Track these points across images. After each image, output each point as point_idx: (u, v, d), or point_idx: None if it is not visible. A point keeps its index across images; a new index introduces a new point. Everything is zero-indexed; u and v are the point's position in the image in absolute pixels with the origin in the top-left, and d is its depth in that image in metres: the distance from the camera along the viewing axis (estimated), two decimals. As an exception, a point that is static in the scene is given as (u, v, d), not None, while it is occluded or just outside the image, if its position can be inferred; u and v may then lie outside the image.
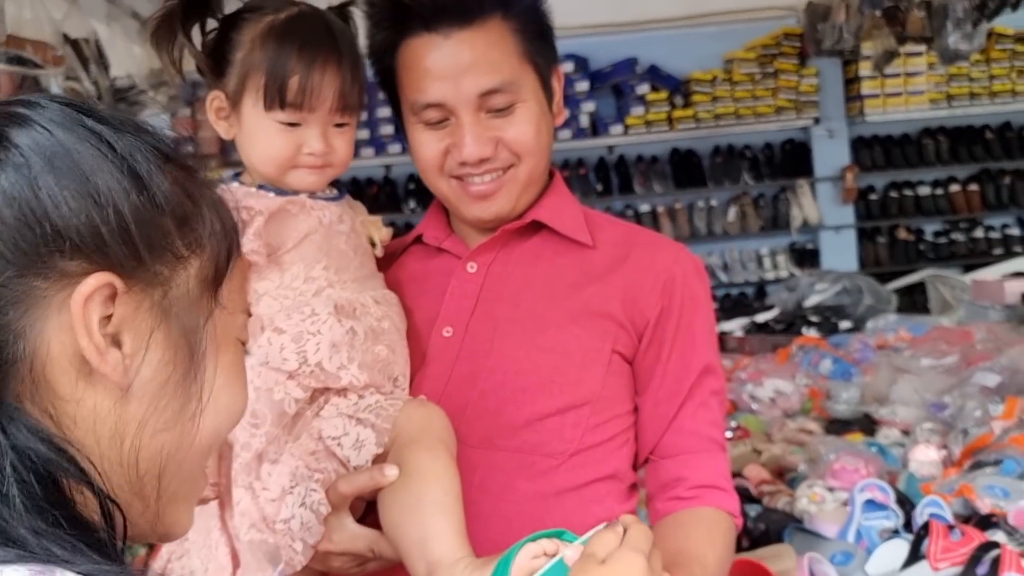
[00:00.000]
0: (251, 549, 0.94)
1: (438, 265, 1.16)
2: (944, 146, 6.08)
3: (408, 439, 0.96)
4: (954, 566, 1.36)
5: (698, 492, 1.08)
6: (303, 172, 1.06)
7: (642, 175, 6.03)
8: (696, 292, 1.13)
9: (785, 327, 3.89)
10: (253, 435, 0.96)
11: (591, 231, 1.15)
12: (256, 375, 0.97)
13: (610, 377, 1.08)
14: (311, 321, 0.99)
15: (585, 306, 1.09)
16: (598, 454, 1.07)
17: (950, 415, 2.34)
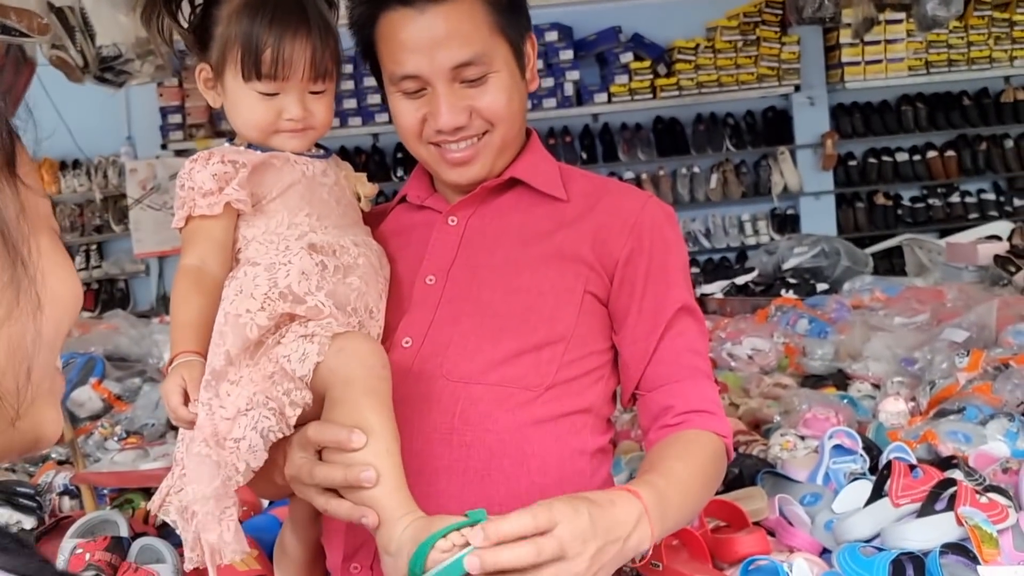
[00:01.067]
0: (196, 462, 0.99)
1: (421, 219, 1.24)
2: (922, 113, 6.16)
3: (344, 381, 1.00)
4: (914, 502, 1.45)
5: (684, 418, 1.12)
6: (285, 136, 1.14)
7: (626, 143, 6.09)
8: (667, 235, 1.18)
9: (764, 289, 3.98)
10: (215, 354, 1.01)
11: (565, 185, 1.21)
12: (229, 302, 1.04)
13: (583, 316, 1.14)
14: (284, 254, 1.07)
15: (557, 250, 1.15)
16: (574, 388, 1.13)
17: (919, 369, 2.44)
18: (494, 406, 1.09)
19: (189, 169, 1.11)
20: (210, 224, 1.09)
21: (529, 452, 1.09)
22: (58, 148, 5.77)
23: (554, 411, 1.11)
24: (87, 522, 1.64)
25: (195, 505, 1.00)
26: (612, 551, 0.92)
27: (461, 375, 1.11)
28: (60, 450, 2.24)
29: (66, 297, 0.60)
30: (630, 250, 1.16)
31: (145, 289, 6.12)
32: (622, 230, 1.16)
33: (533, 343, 1.11)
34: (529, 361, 1.11)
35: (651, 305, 1.15)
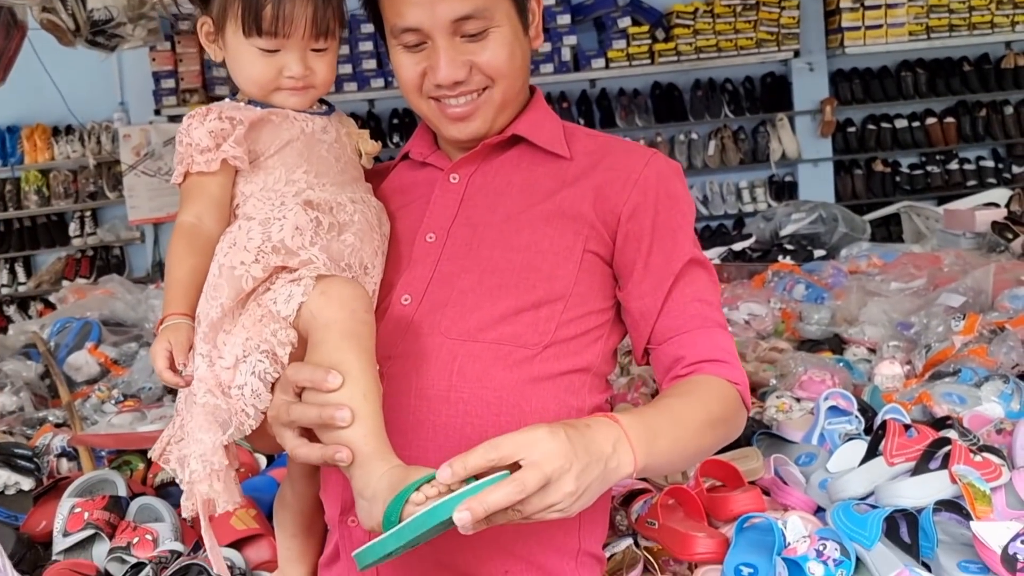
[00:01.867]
0: (205, 413, 1.01)
1: (423, 177, 1.23)
2: (922, 79, 6.12)
3: (325, 323, 1.00)
4: (908, 461, 1.46)
5: (695, 367, 1.11)
6: (285, 94, 1.14)
7: (624, 109, 6.05)
8: (674, 190, 1.17)
9: (761, 255, 3.97)
10: (211, 307, 1.03)
11: (569, 143, 1.20)
12: (223, 254, 1.05)
13: (582, 274, 1.13)
14: (279, 209, 1.08)
15: (558, 208, 1.14)
16: (572, 347, 1.13)
17: (915, 333, 2.44)
18: (492, 364, 1.09)
19: (187, 125, 1.11)
20: (207, 180, 1.09)
21: (527, 410, 1.09)
22: (51, 114, 5.71)
23: (552, 370, 1.11)
24: (85, 481, 1.64)
25: (194, 456, 1.01)
26: (596, 471, 0.90)
27: (459, 332, 1.11)
28: (57, 413, 2.25)
29: None
30: (634, 205, 1.14)
31: (141, 256, 6.09)
32: (625, 185, 1.15)
33: (532, 301, 1.11)
34: (527, 319, 1.11)
35: (659, 260, 1.14)
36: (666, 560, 1.41)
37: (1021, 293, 2.52)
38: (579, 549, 1.15)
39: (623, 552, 1.43)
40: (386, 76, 5.71)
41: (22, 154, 5.81)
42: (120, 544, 1.47)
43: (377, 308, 1.14)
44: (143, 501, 1.58)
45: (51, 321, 2.96)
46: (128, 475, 1.84)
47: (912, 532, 1.26)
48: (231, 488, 1.03)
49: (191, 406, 1.05)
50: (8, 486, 1.78)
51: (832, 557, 1.20)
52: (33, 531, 1.62)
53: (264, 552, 1.50)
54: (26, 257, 6.10)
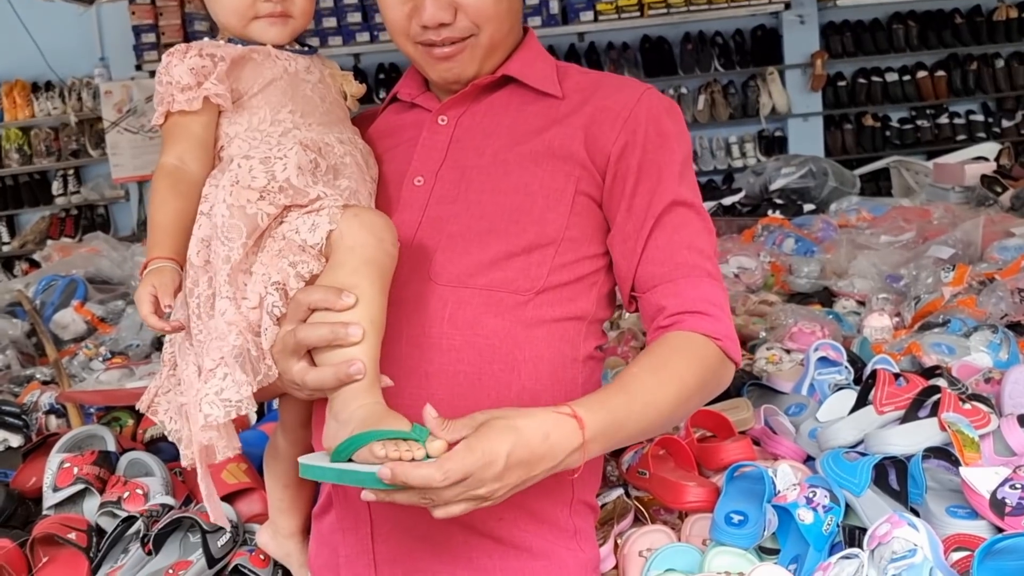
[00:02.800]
0: (236, 356, 0.97)
1: (411, 118, 1.20)
2: (914, 31, 6.07)
3: (351, 246, 1.00)
4: (897, 409, 1.46)
5: (676, 319, 1.08)
6: (264, 24, 1.11)
7: (613, 63, 5.98)
8: (664, 128, 1.12)
9: (751, 210, 3.97)
10: (231, 249, 1.00)
11: (561, 82, 1.17)
12: (228, 194, 1.02)
13: (575, 218, 1.10)
14: (278, 148, 1.06)
15: (547, 148, 1.11)
16: (565, 293, 1.10)
17: (904, 285, 2.45)
18: (483, 310, 1.07)
19: (166, 63, 1.07)
20: (189, 120, 1.07)
21: (520, 357, 1.08)
22: (30, 69, 5.61)
23: (545, 316, 1.09)
24: (73, 437, 1.64)
25: (208, 401, 0.97)
26: (532, 479, 0.93)
27: (449, 278, 1.08)
28: (45, 371, 2.23)
29: None
30: (624, 144, 1.10)
31: (126, 214, 6.03)
32: (615, 123, 1.11)
33: (522, 246, 1.08)
34: (519, 264, 1.08)
35: (642, 201, 1.10)
36: (656, 509, 1.42)
37: (1010, 244, 2.53)
38: (573, 497, 1.15)
39: (614, 502, 1.43)
40: (372, 30, 5.62)
41: (1, 111, 5.71)
42: (111, 499, 1.46)
43: None
44: (133, 456, 1.57)
45: (36, 279, 2.93)
46: (118, 431, 1.83)
47: (901, 479, 1.26)
48: (231, 435, 1.01)
49: (189, 349, 1.02)
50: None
51: (822, 504, 1.21)
52: (23, 487, 1.62)
53: (255, 506, 1.50)
54: (9, 216, 6.03)
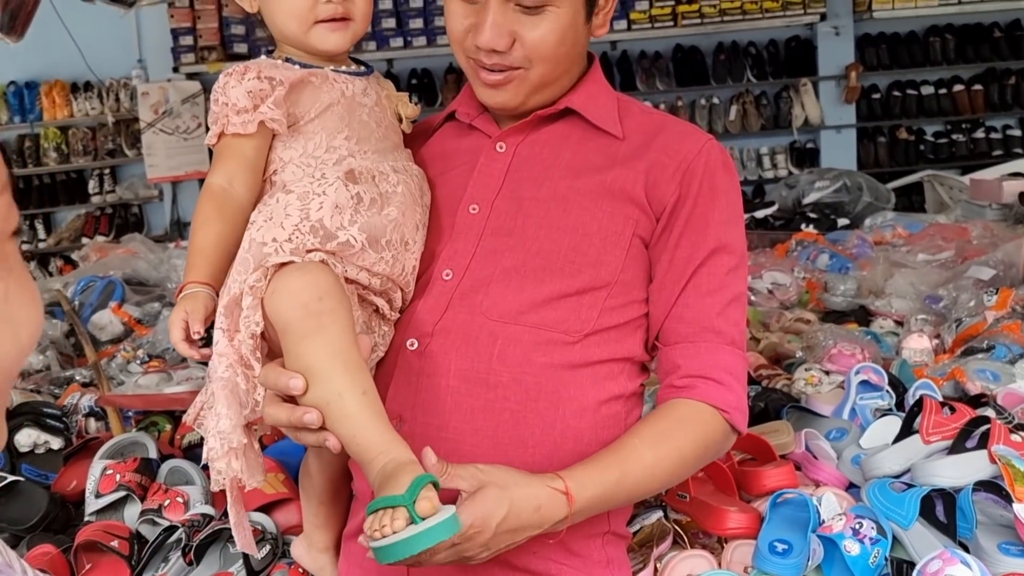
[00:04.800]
0: (224, 388, 0.98)
1: (468, 143, 1.19)
2: (951, 45, 6.00)
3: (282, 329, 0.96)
4: (945, 439, 1.44)
5: (690, 382, 1.08)
6: (324, 29, 1.09)
7: (644, 72, 5.97)
8: (716, 183, 1.11)
9: (784, 223, 3.94)
10: (235, 280, 0.99)
11: (622, 119, 1.15)
12: (256, 228, 1.01)
13: (630, 261, 1.10)
14: (319, 183, 1.04)
15: (608, 188, 1.10)
16: (613, 335, 1.09)
17: (944, 307, 2.42)
18: (532, 348, 1.07)
19: (224, 83, 1.06)
20: (242, 142, 1.05)
21: (565, 396, 1.07)
22: (69, 70, 5.69)
23: (592, 357, 1.08)
24: (116, 443, 1.65)
25: (211, 433, 0.99)
26: (515, 544, 0.97)
27: (501, 314, 1.08)
28: (84, 372, 2.26)
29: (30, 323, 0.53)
30: (678, 196, 1.10)
31: (159, 214, 6.10)
32: (674, 174, 1.10)
33: (576, 287, 1.08)
34: (570, 304, 1.07)
35: (683, 254, 1.10)
36: (695, 533, 1.41)
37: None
38: (607, 531, 1.15)
39: (653, 524, 1.42)
40: (405, 36, 5.64)
41: (41, 110, 5.80)
42: (151, 506, 1.48)
43: (418, 280, 1.12)
44: (173, 463, 1.58)
45: (74, 279, 2.96)
46: (156, 436, 1.85)
47: (949, 512, 1.25)
48: (253, 465, 1.01)
49: (215, 381, 1.02)
50: (38, 445, 1.79)
51: (868, 535, 1.20)
52: (64, 490, 1.64)
53: (293, 516, 1.51)
54: (46, 214, 6.12)
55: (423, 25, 5.65)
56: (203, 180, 4.92)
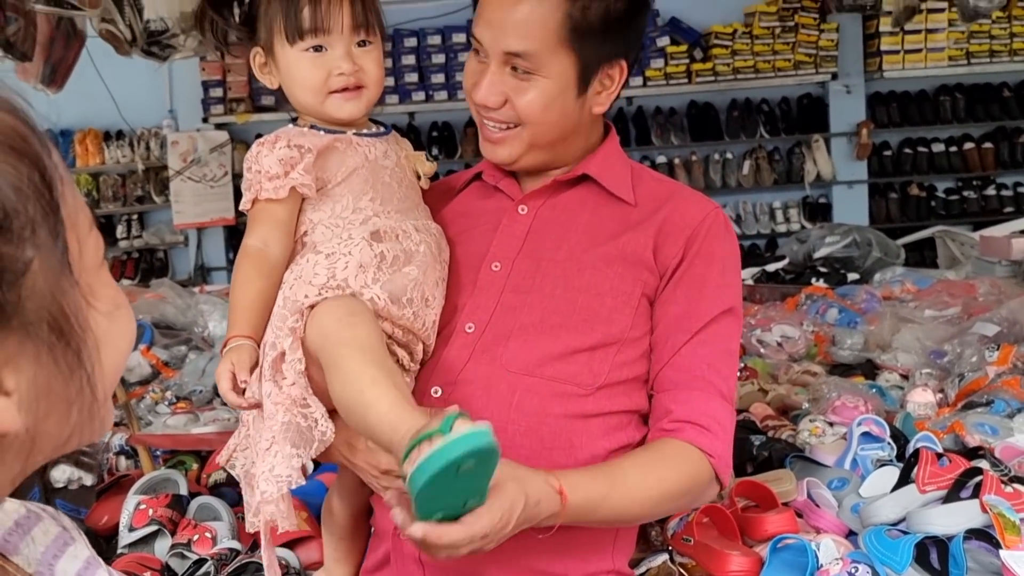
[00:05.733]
0: (286, 432, 1.04)
1: (492, 204, 1.28)
2: (961, 103, 6.11)
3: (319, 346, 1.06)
4: (940, 489, 1.50)
5: (678, 426, 1.14)
6: (338, 99, 1.17)
7: (660, 127, 6.10)
8: (714, 248, 1.20)
9: (794, 277, 4.01)
10: (278, 336, 1.08)
11: (635, 186, 1.25)
12: (288, 287, 1.11)
13: (638, 319, 1.18)
14: (345, 244, 1.12)
15: (620, 252, 1.19)
16: (622, 389, 1.17)
17: (948, 361, 2.47)
18: (548, 399, 1.14)
19: (256, 153, 1.14)
20: (275, 207, 1.13)
21: (578, 445, 1.14)
22: (103, 119, 5.89)
23: (603, 409, 1.16)
24: (149, 480, 1.73)
25: (264, 476, 1.05)
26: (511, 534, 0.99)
27: (519, 366, 1.15)
28: (115, 412, 2.35)
29: (123, 350, 0.60)
30: (680, 258, 1.19)
31: (184, 259, 6.24)
32: (679, 238, 1.19)
33: (589, 343, 1.15)
34: (583, 360, 1.15)
35: (680, 311, 1.18)
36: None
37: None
38: (612, 568, 1.21)
39: (658, 567, 1.48)
40: (427, 89, 5.82)
41: (74, 157, 5.99)
42: (181, 540, 1.55)
43: (440, 333, 1.19)
44: (202, 500, 1.66)
45: (105, 322, 3.06)
46: (183, 474, 1.93)
47: (942, 559, 1.30)
48: (289, 510, 1.08)
49: (261, 423, 1.09)
50: (72, 481, 1.88)
51: (864, 579, 1.25)
52: (96, 525, 1.71)
53: (314, 553, 1.58)
54: (73, 258, 6.25)
55: (444, 80, 5.83)
56: (227, 226, 5.11)
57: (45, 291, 0.52)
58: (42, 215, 0.52)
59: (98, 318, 0.56)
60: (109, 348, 0.57)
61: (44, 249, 0.52)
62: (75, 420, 0.56)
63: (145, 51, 4.43)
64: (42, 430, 0.54)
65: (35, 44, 3.61)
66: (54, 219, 0.53)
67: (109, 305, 0.58)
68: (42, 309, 0.52)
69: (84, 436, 0.58)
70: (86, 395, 0.55)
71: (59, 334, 0.53)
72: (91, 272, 0.57)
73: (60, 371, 0.54)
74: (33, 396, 0.53)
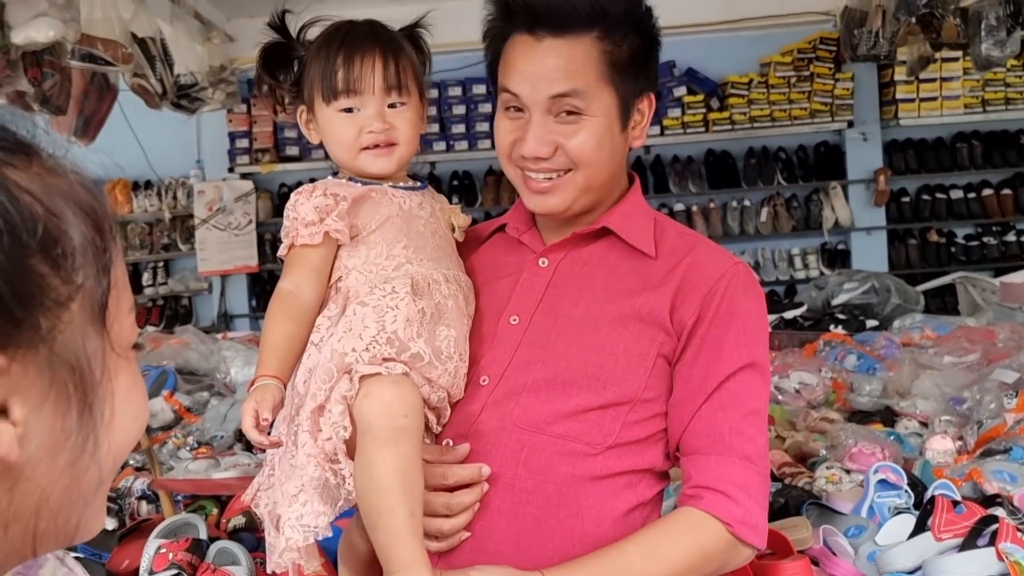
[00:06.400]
0: (315, 486, 1.08)
1: (515, 256, 1.29)
2: (978, 150, 6.13)
3: (364, 429, 1.08)
4: (956, 537, 1.50)
5: (697, 492, 1.13)
6: (370, 155, 1.21)
7: (678, 175, 6.16)
8: (735, 306, 1.17)
9: (813, 324, 4.00)
10: (320, 389, 1.10)
11: (657, 240, 1.23)
12: (337, 339, 1.11)
13: (652, 380, 1.16)
14: (391, 297, 1.15)
15: (637, 312, 1.18)
16: (634, 448, 1.16)
17: (967, 408, 2.46)
18: (556, 458, 1.14)
19: (294, 201, 1.18)
20: (310, 252, 1.16)
21: (585, 505, 1.14)
22: (132, 169, 6.04)
23: (613, 468, 1.15)
24: (170, 524, 1.76)
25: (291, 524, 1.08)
26: None
27: (529, 423, 1.16)
28: (137, 457, 2.38)
29: (132, 428, 0.59)
30: (697, 318, 1.17)
31: (207, 306, 6.33)
32: (696, 297, 1.17)
33: (600, 402, 1.15)
34: (593, 419, 1.15)
35: (699, 372, 1.16)
36: (716, 624, 1.46)
37: (1076, 372, 2.53)
38: None
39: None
40: (447, 140, 5.93)
41: (103, 207, 6.12)
42: (201, 584, 1.57)
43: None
44: (221, 544, 1.68)
45: (130, 368, 3.12)
46: (203, 519, 1.96)
47: (958, 607, 1.30)
48: (313, 553, 1.12)
49: (287, 465, 1.13)
50: (95, 525, 1.90)
51: (878, 627, 1.25)
52: (117, 568, 1.74)
53: (331, 598, 1.59)
54: (99, 304, 6.36)
55: (465, 130, 5.94)
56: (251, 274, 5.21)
57: (77, 335, 0.53)
58: (93, 270, 0.54)
59: (115, 392, 0.56)
60: (119, 426, 0.57)
61: (87, 297, 0.54)
62: (68, 482, 0.54)
63: (175, 104, 4.58)
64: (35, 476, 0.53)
65: (69, 98, 3.73)
66: (103, 280, 0.55)
67: (127, 386, 0.58)
68: (69, 351, 0.53)
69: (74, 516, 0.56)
70: (86, 457, 0.54)
71: (78, 381, 0.53)
72: (124, 347, 0.58)
73: (67, 421, 0.53)
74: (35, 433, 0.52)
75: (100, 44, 3.84)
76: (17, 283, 0.49)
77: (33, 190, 0.52)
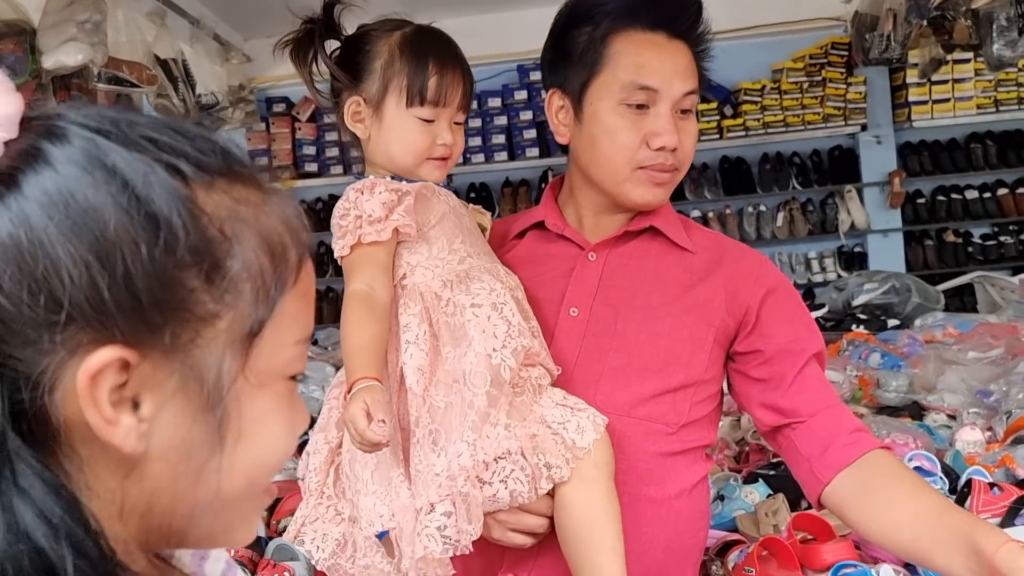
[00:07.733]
0: (462, 499, 1.06)
1: (557, 250, 1.33)
2: (992, 150, 6.15)
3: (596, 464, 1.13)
4: (994, 517, 1.54)
5: (855, 437, 1.20)
6: (432, 165, 1.22)
7: (693, 182, 6.21)
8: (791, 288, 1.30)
9: (834, 324, 4.03)
10: (476, 395, 1.08)
11: (689, 236, 1.33)
12: (478, 343, 1.11)
13: (711, 363, 1.26)
14: (494, 294, 1.15)
15: (694, 301, 1.27)
16: (697, 426, 1.26)
17: (995, 400, 2.50)
18: (643, 438, 1.22)
19: (355, 199, 1.16)
20: (377, 250, 1.14)
21: (669, 479, 1.23)
22: (155, 189, 6.12)
23: (684, 445, 1.25)
24: (228, 523, 1.81)
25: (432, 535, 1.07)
26: None
27: (615, 407, 1.22)
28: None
29: (269, 452, 0.58)
30: (764, 294, 1.26)
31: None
32: (749, 281, 1.28)
33: (673, 385, 1.24)
34: (668, 400, 1.24)
35: (792, 335, 1.25)
36: (762, 607, 1.51)
37: (1101, 362, 2.56)
38: None
39: (722, 598, 1.53)
40: (465, 153, 6.01)
41: (128, 226, 6.21)
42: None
43: None
44: (279, 542, 1.74)
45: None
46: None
47: (1001, 582, 1.33)
48: (445, 561, 1.09)
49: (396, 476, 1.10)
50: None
51: (924, 603, 1.29)
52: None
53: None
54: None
55: (481, 143, 6.02)
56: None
57: (216, 353, 0.54)
58: (252, 297, 0.55)
59: (245, 416, 0.56)
60: (245, 451, 0.57)
61: (238, 321, 0.55)
62: (187, 484, 0.55)
63: (196, 123, 4.67)
64: (149, 473, 0.54)
65: (96, 119, 3.82)
66: (262, 308, 0.55)
67: (265, 412, 0.58)
68: (204, 365, 0.54)
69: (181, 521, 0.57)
70: (204, 470, 0.55)
71: (206, 396, 0.54)
72: (272, 375, 0.58)
73: (190, 431, 0.54)
74: (156, 432, 0.53)
75: (125, 67, 3.94)
76: (160, 291, 0.51)
77: (213, 211, 0.54)
